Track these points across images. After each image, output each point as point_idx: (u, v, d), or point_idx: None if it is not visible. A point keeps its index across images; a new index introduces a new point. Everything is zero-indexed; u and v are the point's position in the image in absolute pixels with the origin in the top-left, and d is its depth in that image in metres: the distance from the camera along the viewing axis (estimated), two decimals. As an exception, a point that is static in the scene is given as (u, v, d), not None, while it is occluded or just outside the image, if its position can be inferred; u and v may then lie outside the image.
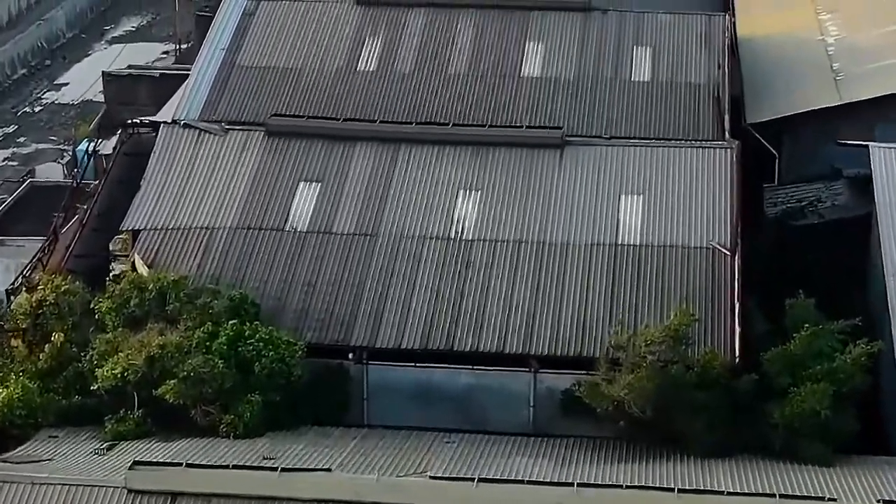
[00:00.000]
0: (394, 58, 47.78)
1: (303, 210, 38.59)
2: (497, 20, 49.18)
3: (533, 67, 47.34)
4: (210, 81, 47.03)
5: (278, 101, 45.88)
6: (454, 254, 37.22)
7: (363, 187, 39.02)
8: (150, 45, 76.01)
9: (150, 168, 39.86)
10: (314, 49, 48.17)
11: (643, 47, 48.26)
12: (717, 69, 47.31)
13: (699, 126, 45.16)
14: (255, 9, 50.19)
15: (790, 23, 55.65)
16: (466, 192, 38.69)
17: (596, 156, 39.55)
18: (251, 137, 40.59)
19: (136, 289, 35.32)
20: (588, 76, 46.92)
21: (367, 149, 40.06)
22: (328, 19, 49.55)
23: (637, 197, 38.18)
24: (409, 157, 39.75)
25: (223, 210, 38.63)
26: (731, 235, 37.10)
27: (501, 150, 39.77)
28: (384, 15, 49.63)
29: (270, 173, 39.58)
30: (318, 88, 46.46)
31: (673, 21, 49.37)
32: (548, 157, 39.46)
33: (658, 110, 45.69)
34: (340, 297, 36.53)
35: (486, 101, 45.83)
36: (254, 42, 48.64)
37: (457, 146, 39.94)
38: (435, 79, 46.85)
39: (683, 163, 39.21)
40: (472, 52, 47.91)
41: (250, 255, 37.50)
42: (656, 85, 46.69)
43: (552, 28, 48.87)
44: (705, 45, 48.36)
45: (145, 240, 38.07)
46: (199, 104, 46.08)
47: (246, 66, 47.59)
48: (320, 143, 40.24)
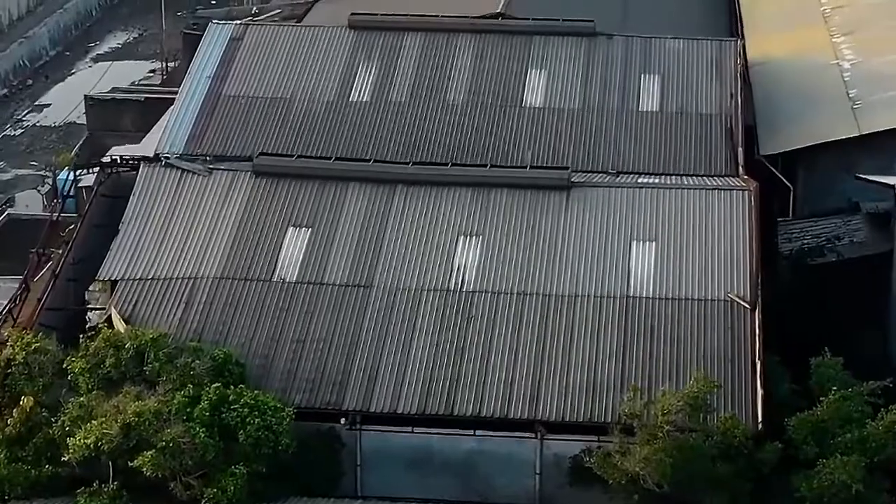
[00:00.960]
0: (388, 86, 45.39)
1: (292, 258, 36.05)
2: (497, 45, 46.78)
3: (535, 97, 44.95)
4: (195, 112, 44.67)
5: (266, 134, 43.52)
6: (454, 307, 34.68)
7: (356, 233, 36.49)
8: (136, 64, 73.50)
9: (129, 211, 37.33)
10: (305, 77, 45.77)
11: (651, 75, 45.85)
12: (729, 98, 44.91)
13: (711, 160, 42.83)
14: (243, 34, 47.79)
15: (803, 45, 53.27)
16: (467, 239, 36.18)
17: (604, 198, 37.02)
18: (237, 178, 38.05)
19: (111, 347, 32.81)
20: (593, 106, 44.54)
21: (361, 190, 37.53)
22: (320, 45, 47.14)
23: (649, 244, 35.67)
24: (405, 199, 37.22)
25: (207, 258, 36.09)
26: (751, 287, 34.58)
27: (504, 191, 37.25)
28: (378, 40, 47.23)
29: (257, 218, 37.03)
30: (309, 120, 44.09)
31: (682, 47, 46.96)
32: (553, 200, 36.96)
33: (667, 143, 43.36)
34: (332, 356, 34.00)
35: (486, 134, 43.47)
36: (241, 70, 46.22)
37: (456, 187, 37.41)
38: (432, 109, 44.46)
39: (698, 206, 36.69)
40: (472, 79, 45.53)
41: (235, 308, 34.96)
42: (665, 115, 44.32)
43: (555, 54, 46.46)
44: (716, 73, 45.95)
45: (123, 291, 35.52)
46: (184, 137, 43.73)
47: (233, 95, 45.21)
48: (310, 185, 37.70)
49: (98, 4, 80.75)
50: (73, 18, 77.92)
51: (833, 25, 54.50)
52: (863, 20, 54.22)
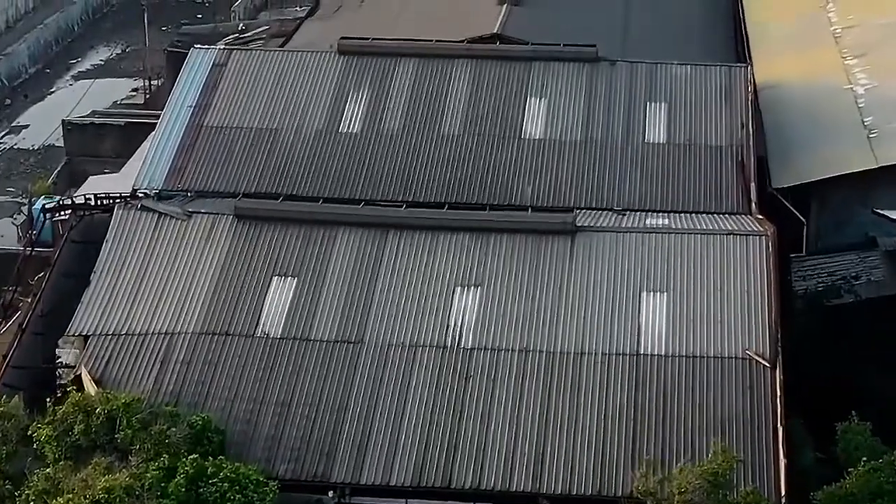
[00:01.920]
0: (380, 116, 42.94)
1: (276, 311, 33.52)
2: (495, 72, 44.34)
3: (535, 127, 42.53)
4: (175, 145, 42.25)
5: (251, 168, 41.07)
6: (451, 366, 32.17)
7: (345, 283, 33.96)
8: (119, 82, 70.73)
9: (102, 259, 34.79)
10: (292, 106, 43.32)
11: (657, 104, 43.43)
12: (739, 129, 42.51)
13: (722, 196, 40.42)
14: (227, 59, 45.31)
15: (814, 68, 50.75)
16: (464, 290, 33.67)
17: (612, 244, 34.52)
18: (218, 222, 35.51)
19: (81, 412, 30.32)
20: (596, 138, 42.11)
21: (350, 236, 35.01)
22: (308, 71, 44.67)
23: (660, 295, 33.19)
24: (397, 245, 34.70)
25: (185, 312, 33.55)
26: (771, 343, 32.12)
27: (504, 237, 34.74)
28: (370, 66, 44.75)
29: (239, 266, 34.48)
30: (296, 153, 41.63)
31: (689, 74, 44.54)
32: (557, 247, 34.46)
33: (675, 177, 40.94)
34: (319, 421, 31.48)
35: (484, 168, 41.02)
36: (224, 98, 43.76)
37: (453, 232, 34.89)
38: (426, 140, 42.03)
39: (712, 253, 34.20)
40: (468, 108, 43.09)
41: (215, 367, 32.42)
42: (673, 147, 41.89)
43: (556, 82, 44.03)
44: (726, 102, 43.54)
45: (95, 348, 32.97)
46: (163, 171, 41.33)
47: (215, 126, 42.78)
48: (296, 230, 35.18)
49: (80, 19, 78.04)
50: (54, 34, 75.20)
51: (844, 47, 52.01)
52: (875, 41, 51.72)
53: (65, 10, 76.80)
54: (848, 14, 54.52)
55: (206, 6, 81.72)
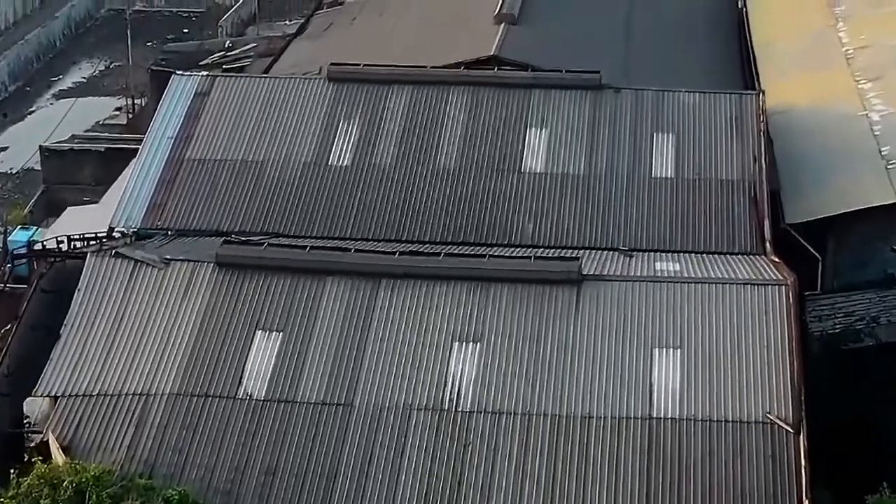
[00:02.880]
0: (372, 148, 40.70)
1: (260, 370, 31.07)
2: (493, 100, 42.09)
3: (536, 160, 40.28)
4: (155, 179, 40.07)
5: (235, 205, 38.96)
6: (448, 431, 29.68)
7: (334, 338, 31.50)
8: (101, 101, 68.33)
9: (73, 312, 32.31)
10: (278, 137, 41.09)
11: (664, 134, 41.16)
12: (752, 162, 40.25)
13: (734, 235, 38.23)
14: (210, 87, 43.01)
15: (826, 91, 48.43)
16: (462, 345, 31.23)
17: (620, 295, 32.09)
18: (198, 270, 33.04)
19: (47, 486, 27.91)
20: (601, 172, 39.88)
21: (340, 286, 32.56)
22: (295, 99, 42.39)
23: (673, 352, 30.79)
24: (390, 297, 32.27)
25: (161, 370, 31.08)
26: (794, 405, 29.70)
27: (505, 287, 32.30)
28: (361, 93, 42.49)
29: (221, 319, 32.01)
30: (283, 188, 39.43)
31: (697, 102, 42.28)
32: (562, 298, 32.05)
33: (685, 215, 38.73)
34: (307, 491, 28.94)
35: (482, 204, 38.85)
36: (207, 129, 41.52)
37: (450, 282, 32.44)
38: (420, 175, 39.80)
39: (728, 305, 31.76)
40: (465, 140, 40.84)
41: (194, 431, 29.92)
42: (682, 182, 39.66)
43: (557, 111, 41.76)
44: (737, 132, 41.27)
45: (64, 410, 30.47)
46: (142, 208, 39.19)
47: (197, 158, 40.59)
48: (282, 279, 32.72)
49: (62, 34, 75.55)
50: (35, 50, 72.71)
51: (857, 69, 49.69)
52: (890, 63, 49.37)
53: (46, 26, 74.40)
54: (860, 33, 52.23)
55: (193, 20, 79.41)
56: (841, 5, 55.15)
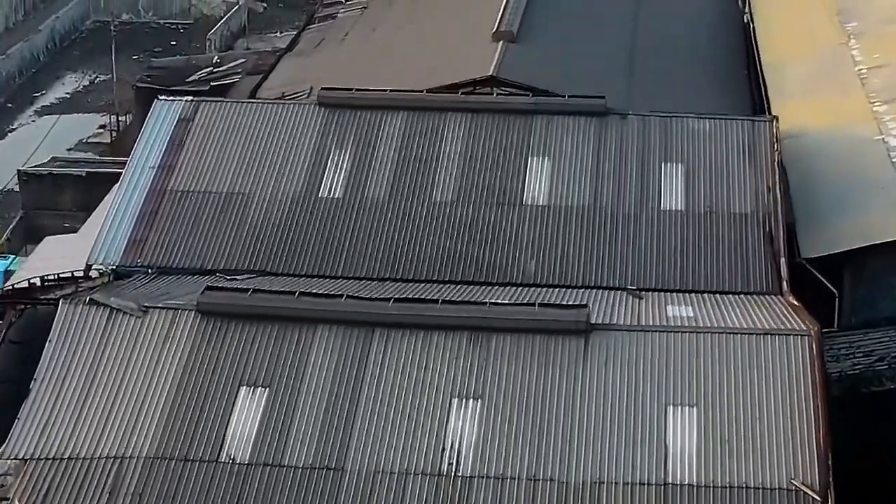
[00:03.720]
0: (365, 179, 38.59)
1: (244, 431, 28.76)
2: (492, 127, 39.98)
3: (538, 192, 38.16)
4: (136, 212, 38.03)
5: (219, 241, 36.95)
6: (447, 499, 27.46)
7: (324, 395, 29.23)
8: (85, 118, 66.06)
9: (44, 365, 30.05)
10: (266, 167, 39.00)
11: (674, 164, 39.01)
12: (766, 193, 38.13)
13: (749, 273, 36.12)
14: (194, 113, 40.86)
15: (839, 114, 46.24)
16: (462, 402, 28.99)
17: (631, 346, 29.86)
18: (178, 318, 30.79)
19: (12, 562, 25.85)
20: (607, 205, 37.77)
21: (330, 336, 30.31)
22: (284, 126, 40.26)
23: (689, 410, 28.57)
24: (384, 348, 30.03)
25: (138, 431, 28.77)
26: (820, 469, 27.51)
27: (508, 337, 30.09)
28: (354, 120, 40.36)
29: (202, 374, 29.73)
30: (271, 223, 37.36)
31: (707, 129, 40.12)
32: (569, 349, 29.83)
33: (696, 251, 36.61)
34: (294, 567, 26.93)
35: (481, 240, 36.75)
36: (191, 158, 39.41)
37: (448, 332, 30.21)
38: (416, 209, 37.72)
39: (748, 358, 29.53)
40: (463, 170, 38.73)
41: (173, 499, 27.63)
42: (692, 216, 37.53)
43: (561, 138, 39.64)
44: (749, 161, 39.14)
45: (33, 475, 28.17)
46: (122, 244, 37.16)
47: (181, 190, 38.48)
48: (269, 328, 30.47)
49: (46, 48, 73.23)
50: (18, 65, 70.36)
51: (872, 90, 47.52)
52: (905, 84, 47.38)
53: (29, 39, 72.09)
54: (874, 52, 50.06)
55: (181, 32, 77.22)
56: (853, 21, 53.02)
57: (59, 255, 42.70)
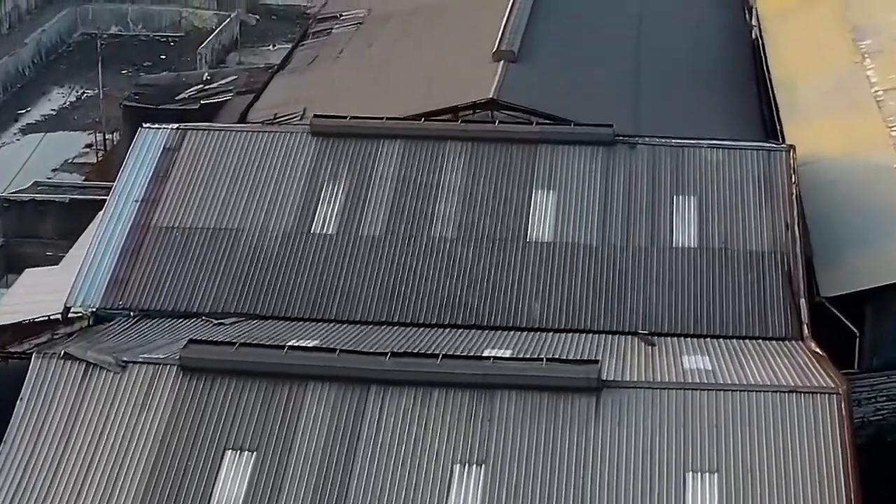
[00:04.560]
0: (360, 214, 36.61)
1: (229, 498, 26.49)
2: (495, 157, 38.00)
3: (543, 228, 36.13)
4: (118, 250, 36.06)
5: (206, 281, 35.13)
6: (450, 576, 25.52)
7: (315, 461, 27.02)
8: (71, 136, 63.89)
9: (15, 425, 27.88)
10: (256, 201, 37.04)
11: (686, 197, 37.00)
12: (784, 229, 36.08)
13: (767, 316, 34.15)
14: (180, 143, 38.84)
15: (855, 140, 44.13)
16: (465, 469, 26.83)
17: (646, 406, 27.73)
18: (159, 375, 28.63)
19: None
20: (616, 241, 35.77)
21: (322, 395, 28.15)
22: (275, 156, 38.25)
23: (709, 477, 26.46)
24: (380, 407, 27.88)
25: (115, 497, 26.52)
26: (851, 541, 25.53)
27: (513, 395, 27.94)
28: (348, 149, 38.35)
29: (184, 437, 27.54)
30: (260, 262, 35.41)
31: (721, 159, 38.07)
32: (579, 409, 27.71)
33: (711, 292, 34.62)
34: None
35: (483, 280, 34.80)
36: (177, 191, 37.42)
37: (449, 389, 28.09)
38: (414, 246, 35.73)
39: (772, 418, 27.39)
40: (463, 204, 36.75)
41: (152, 574, 25.72)
42: (706, 253, 35.52)
43: (567, 170, 37.62)
44: (766, 194, 37.11)
45: (1, 547, 26.30)
46: (102, 284, 35.19)
47: (165, 226, 36.55)
48: (256, 386, 28.34)
49: (31, 62, 71.03)
50: (2, 80, 68.13)
51: (889, 114, 45.42)
52: (924, 108, 45.33)
53: (14, 54, 69.90)
54: (890, 72, 47.95)
55: (171, 45, 75.11)
56: (867, 39, 50.93)
57: (39, 291, 40.82)
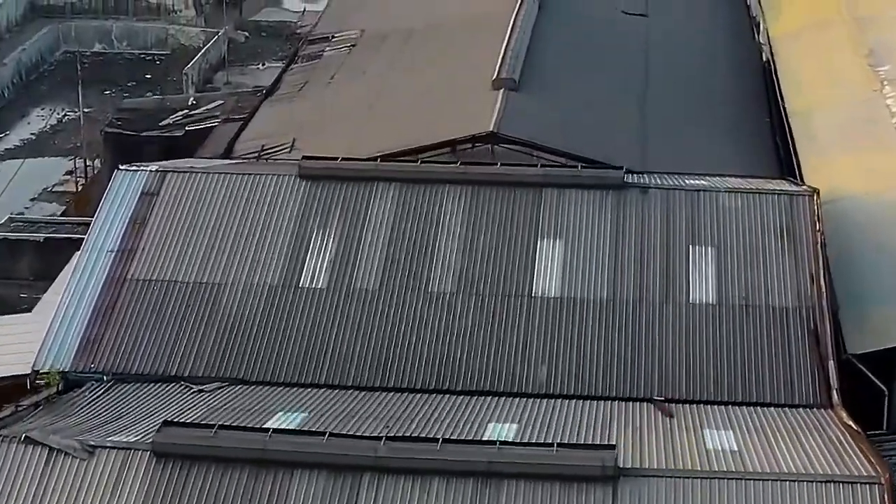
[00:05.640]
0: (352, 266, 34.08)
1: None
2: (497, 202, 35.47)
3: (549, 282, 33.58)
4: (90, 306, 33.48)
5: (185, 343, 32.53)
6: None
7: (303, 562, 24.57)
8: (51, 162, 60.95)
9: (-29, 520, 25.42)
10: (240, 252, 34.48)
11: (703, 248, 34.42)
12: (809, 283, 33.46)
13: (792, 381, 31.74)
14: (160, 186, 36.24)
15: (878, 177, 41.41)
16: (467, 572, 24.32)
17: (668, 496, 25.09)
18: (130, 462, 25.86)
19: None
20: (628, 297, 33.23)
21: (310, 484, 25.40)
22: (261, 202, 35.70)
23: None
24: (375, 498, 25.16)
25: None
26: None
27: (521, 486, 25.27)
28: (339, 194, 35.79)
29: (157, 534, 25.04)
30: (244, 321, 32.92)
31: (740, 204, 35.46)
32: (594, 498, 25.07)
33: (731, 354, 32.11)
34: None
35: (484, 343, 32.35)
36: (154, 240, 34.84)
37: (450, 479, 25.40)
38: (410, 303, 33.24)
39: (807, 511, 24.87)
40: (463, 256, 34.21)
41: None
42: (726, 310, 32.94)
43: (574, 216, 35.04)
44: (789, 243, 34.56)
45: None
46: (73, 346, 32.72)
47: (142, 279, 33.95)
48: (237, 474, 25.65)
49: (11, 83, 68.10)
50: (-20, 104, 65.55)
51: (911, 145, 42.91)
52: (950, 142, 42.69)
53: (-7, 74, 67.18)
54: (911, 100, 45.52)
55: (157, 64, 72.25)
56: (885, 64, 48.30)
57: (7, 343, 38.14)
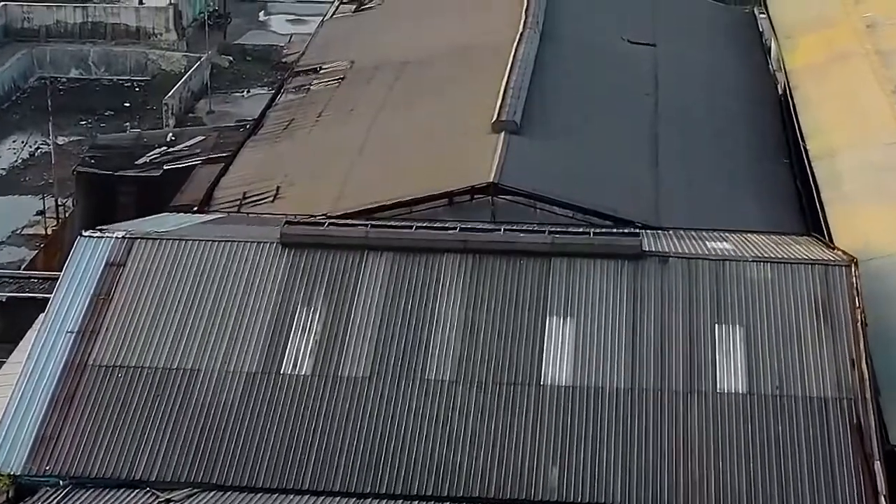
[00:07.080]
0: (340, 349, 30.75)
1: None
2: (501, 275, 32.02)
3: (560, 368, 30.27)
4: (46, 397, 30.08)
5: (152, 441, 29.21)
6: None
7: None
8: (22, 201, 57.52)
9: None
10: (214, 333, 31.04)
11: (730, 327, 30.96)
12: (849, 368, 30.00)
13: (834, 484, 28.25)
14: (126, 256, 32.79)
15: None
16: None
17: None
18: None
19: None
20: (648, 385, 29.88)
21: None
22: (239, 274, 32.27)
23: None
24: None
25: None
26: None
27: None
28: (325, 265, 32.35)
29: None
30: (218, 414, 29.58)
31: (769, 276, 31.95)
32: None
33: (766, 453, 28.81)
34: None
35: (487, 440, 29.12)
36: (120, 319, 31.54)
37: None
38: (404, 394, 29.98)
39: None
40: (464, 336, 30.90)
41: None
42: (758, 401, 29.61)
43: (587, 291, 31.57)
44: (825, 322, 31.07)
45: None
46: (26, 445, 29.55)
47: (105, 364, 30.66)
48: None
49: (-19, 112, 64.89)
50: (-50, 139, 61.95)
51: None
52: None
53: (-37, 103, 63.68)
54: (943, 142, 42.08)
55: (136, 90, 68.81)
56: (913, 102, 44.91)
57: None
